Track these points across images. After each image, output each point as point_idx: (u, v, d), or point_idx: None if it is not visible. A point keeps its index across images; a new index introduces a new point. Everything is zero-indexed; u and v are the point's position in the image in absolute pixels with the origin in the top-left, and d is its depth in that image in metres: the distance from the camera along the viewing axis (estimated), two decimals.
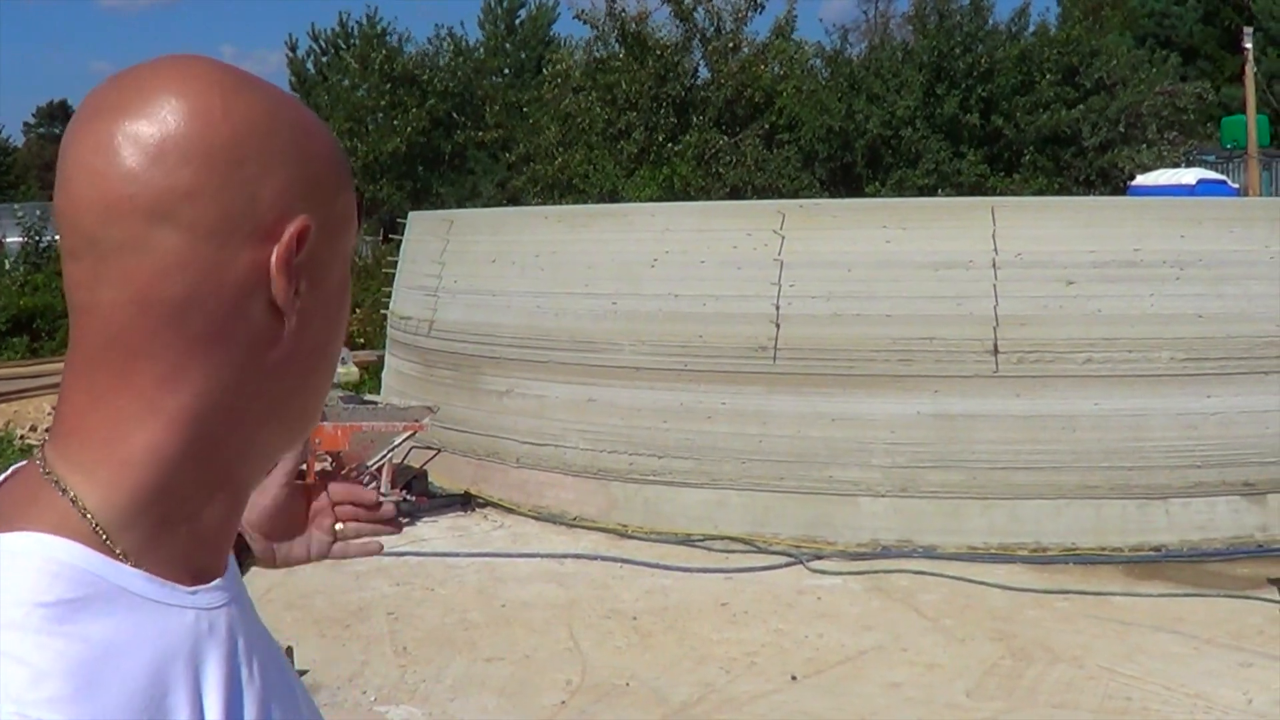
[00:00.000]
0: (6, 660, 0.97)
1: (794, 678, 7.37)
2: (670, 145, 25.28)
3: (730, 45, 26.53)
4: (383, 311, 15.38)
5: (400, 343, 13.68)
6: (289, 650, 5.32)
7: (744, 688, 7.24)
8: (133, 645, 1.03)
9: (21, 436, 14.75)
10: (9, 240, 27.42)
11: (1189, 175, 20.32)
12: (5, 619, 1.00)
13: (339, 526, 2.01)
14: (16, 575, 1.03)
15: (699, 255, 10.67)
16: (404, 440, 10.94)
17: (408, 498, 10.81)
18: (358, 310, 19.78)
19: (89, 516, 1.08)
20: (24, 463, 1.15)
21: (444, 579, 9.37)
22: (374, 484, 10.60)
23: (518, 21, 39.35)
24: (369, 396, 14.64)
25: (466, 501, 11.41)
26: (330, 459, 10.95)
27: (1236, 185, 22.71)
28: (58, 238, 1.17)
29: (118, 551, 1.07)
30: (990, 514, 9.85)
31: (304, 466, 10.25)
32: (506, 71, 35.94)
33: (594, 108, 26.19)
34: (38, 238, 25.69)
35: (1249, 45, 24.14)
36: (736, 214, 11.71)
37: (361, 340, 19.64)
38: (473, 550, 10.05)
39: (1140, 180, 21.00)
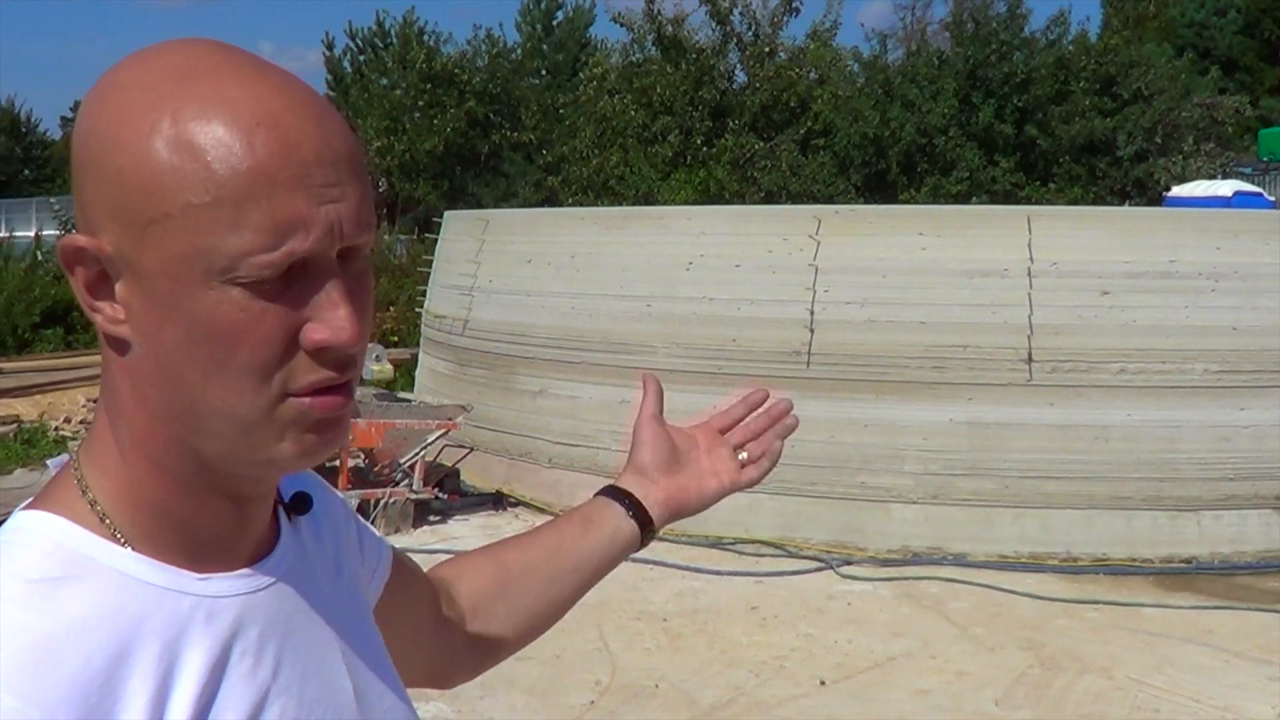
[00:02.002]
0: None
1: (823, 682, 7.38)
2: (706, 149, 25.28)
3: (767, 50, 26.52)
4: (417, 310, 15.42)
5: (434, 341, 13.72)
6: None
7: (773, 691, 7.26)
8: (105, 625, 1.06)
9: (56, 428, 14.82)
10: (46, 233, 27.53)
11: (1225, 187, 20.18)
12: None
13: (742, 455, 1.88)
14: (15, 551, 1.09)
15: (734, 259, 10.67)
16: (437, 438, 10.97)
17: (439, 495, 10.85)
18: (391, 309, 19.87)
19: (90, 498, 1.13)
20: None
21: None
22: (406, 481, 10.65)
23: (555, 23, 39.43)
24: (403, 394, 14.68)
25: (498, 500, 11.45)
26: (363, 455, 11.01)
27: (1273, 198, 22.60)
28: None
29: (118, 534, 1.12)
30: (1021, 523, 9.84)
31: (336, 461, 10.32)
32: (544, 73, 36.03)
33: (630, 110, 26.20)
34: (74, 231, 25.74)
35: None
36: (772, 218, 11.71)
37: (395, 338, 19.71)
38: None
39: (1176, 191, 20.90)
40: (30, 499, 1.16)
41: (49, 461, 1.25)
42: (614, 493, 1.84)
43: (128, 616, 1.08)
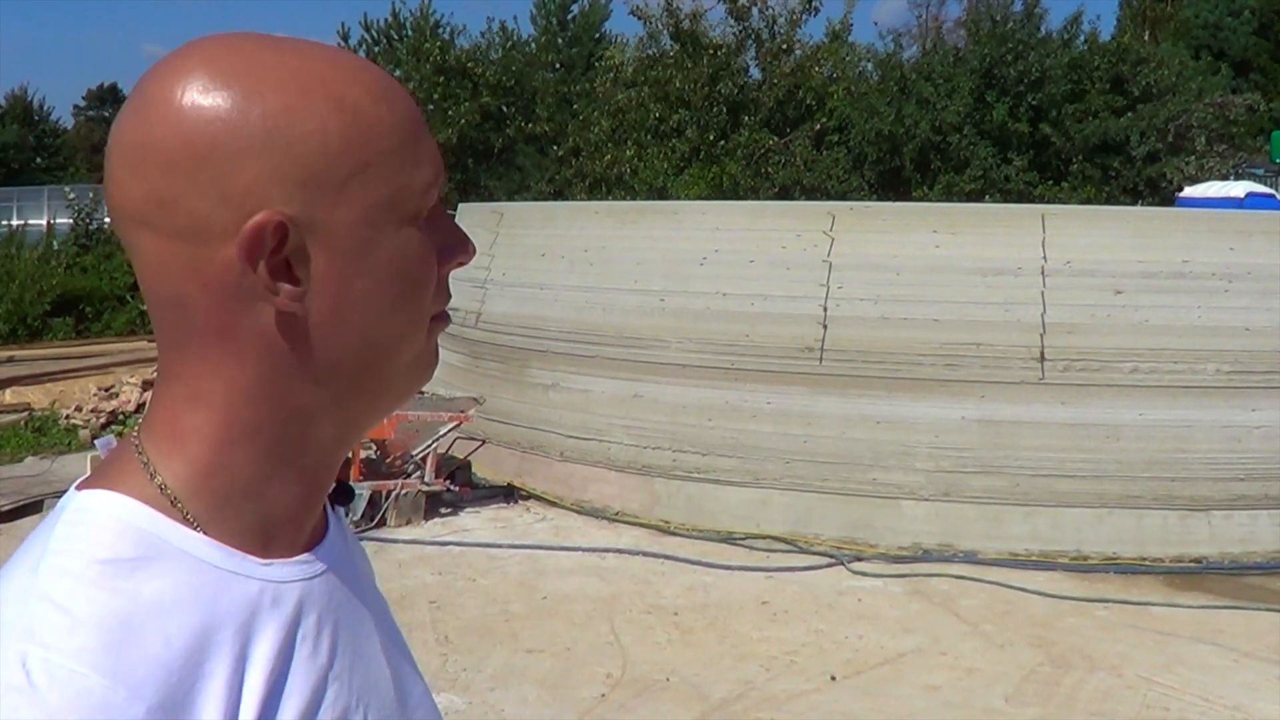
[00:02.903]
0: (51, 608, 1.03)
1: (833, 678, 7.40)
2: (721, 144, 25.25)
3: (783, 47, 26.49)
4: None
5: (447, 333, 13.67)
6: None
7: (783, 686, 7.28)
8: (182, 607, 1.07)
9: (67, 416, 14.83)
10: (58, 222, 27.51)
11: (1237, 188, 20.18)
12: (63, 569, 1.06)
13: None
14: (85, 530, 1.10)
15: (748, 255, 10.68)
16: (449, 431, 10.99)
17: (451, 488, 10.87)
18: None
19: (159, 482, 1.13)
20: (131, 433, 1.21)
21: (486, 569, 9.43)
22: (418, 473, 10.67)
23: (570, 17, 39.39)
24: None
25: (510, 493, 11.46)
26: (375, 447, 11.03)
27: None
28: None
29: (189, 517, 1.12)
30: (1032, 521, 9.85)
31: (349, 455, 10.31)
32: (558, 67, 35.99)
33: (646, 104, 26.16)
34: (87, 220, 25.67)
35: None
36: (787, 214, 11.70)
37: None
38: (515, 542, 10.10)
39: (1188, 192, 20.90)
40: (83, 478, 1.17)
41: (97, 442, 1.25)
42: None
43: (203, 600, 1.09)
